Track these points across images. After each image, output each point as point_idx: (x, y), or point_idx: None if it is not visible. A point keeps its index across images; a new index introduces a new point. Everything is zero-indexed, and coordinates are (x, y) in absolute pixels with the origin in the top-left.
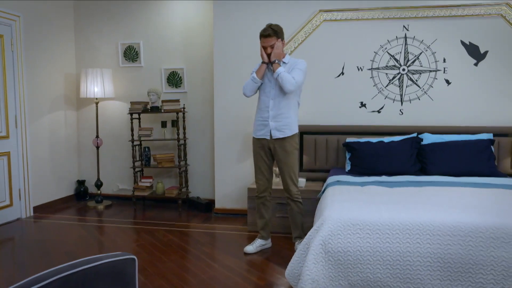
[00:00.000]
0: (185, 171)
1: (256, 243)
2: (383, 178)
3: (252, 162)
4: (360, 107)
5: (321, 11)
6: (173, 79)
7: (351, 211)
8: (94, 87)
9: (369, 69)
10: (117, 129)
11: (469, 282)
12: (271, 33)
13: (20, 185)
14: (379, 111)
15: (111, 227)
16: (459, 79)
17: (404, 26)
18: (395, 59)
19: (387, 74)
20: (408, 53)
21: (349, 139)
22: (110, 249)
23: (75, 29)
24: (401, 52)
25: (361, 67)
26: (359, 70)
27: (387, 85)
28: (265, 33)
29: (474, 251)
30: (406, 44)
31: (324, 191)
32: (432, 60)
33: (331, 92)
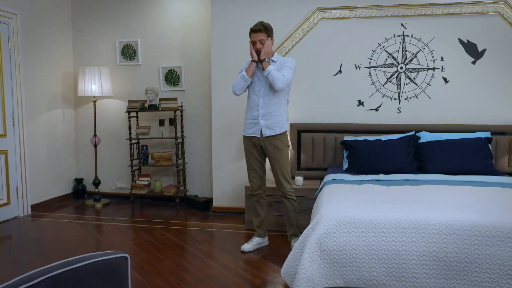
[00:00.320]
0: (183, 170)
1: (253, 241)
2: (381, 176)
3: None
4: (357, 106)
5: (319, 9)
6: (171, 77)
7: (347, 210)
8: (91, 85)
9: (367, 67)
10: (115, 127)
11: (464, 280)
12: (261, 28)
13: (17, 183)
14: (376, 109)
15: (109, 226)
16: (457, 77)
17: (401, 24)
18: (393, 57)
19: (384, 72)
20: (405, 51)
21: (347, 138)
22: (107, 247)
23: (72, 27)
24: (399, 50)
25: (358, 65)
26: (356, 68)
27: (384, 83)
28: (255, 28)
29: (469, 249)
30: (403, 42)
31: (321, 190)
32: (430, 58)
33: (328, 90)
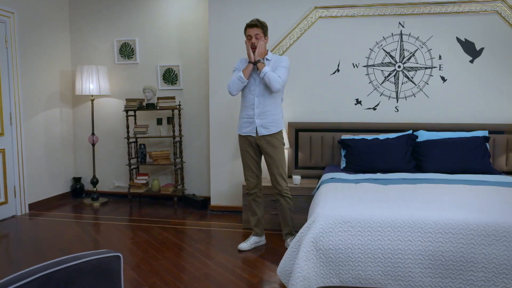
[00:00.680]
0: (181, 168)
1: (250, 240)
2: (378, 175)
3: None
4: (355, 104)
5: (317, 8)
6: (169, 76)
7: (343, 209)
8: (89, 84)
9: (365, 66)
10: (113, 126)
11: (460, 279)
12: (257, 23)
13: (15, 182)
14: (374, 108)
15: (107, 225)
16: (454, 76)
17: (399, 22)
18: (391, 56)
19: (382, 71)
20: (403, 50)
21: (344, 136)
22: (105, 246)
23: (70, 26)
24: (397, 49)
25: (356, 64)
26: (354, 67)
27: (382, 82)
28: (251, 23)
29: (465, 248)
30: (401, 41)
31: (318, 189)
32: (427, 57)
33: (326, 89)
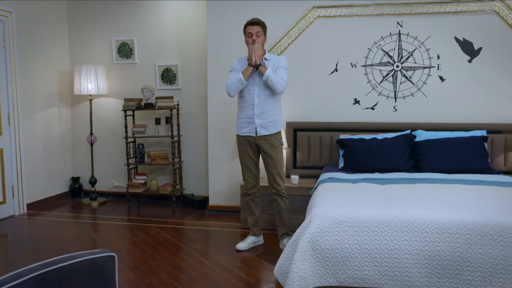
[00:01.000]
0: (179, 168)
1: (248, 240)
2: (376, 175)
3: None
4: (354, 104)
5: (315, 7)
6: (167, 76)
7: (340, 208)
8: (88, 84)
9: (363, 66)
10: (111, 126)
11: (457, 279)
12: (259, 21)
13: (13, 182)
14: (372, 108)
15: (105, 224)
16: (453, 75)
17: (398, 22)
18: (389, 56)
19: (381, 70)
20: (402, 49)
21: (343, 136)
22: (102, 246)
23: (68, 26)
24: (395, 48)
25: (354, 64)
26: (352, 66)
27: (381, 82)
28: (253, 21)
29: (462, 248)
30: (400, 40)
31: (316, 188)
32: (426, 56)
33: (324, 89)
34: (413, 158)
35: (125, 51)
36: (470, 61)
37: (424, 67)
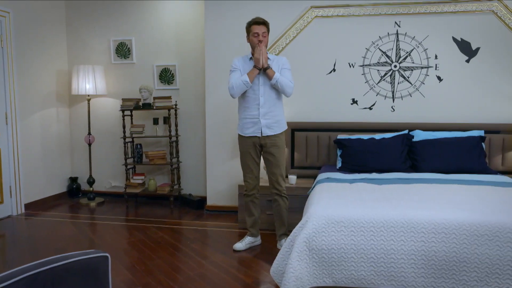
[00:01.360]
0: (177, 168)
1: (245, 240)
2: (373, 175)
3: None
4: (351, 104)
5: (313, 7)
6: (165, 76)
7: (336, 209)
8: (86, 84)
9: (361, 66)
10: (109, 126)
11: (453, 279)
12: (264, 21)
13: (11, 182)
14: (370, 108)
15: (103, 224)
16: (450, 75)
17: (395, 22)
18: (387, 56)
19: (378, 70)
20: (399, 49)
21: (340, 136)
22: (100, 246)
23: (66, 25)
24: (393, 48)
25: (352, 64)
26: (350, 66)
27: (378, 82)
28: (259, 20)
29: (458, 248)
30: (397, 40)
31: (313, 188)
32: (423, 56)
33: (322, 88)
34: (411, 158)
35: (123, 51)
36: (468, 61)
37: (422, 67)
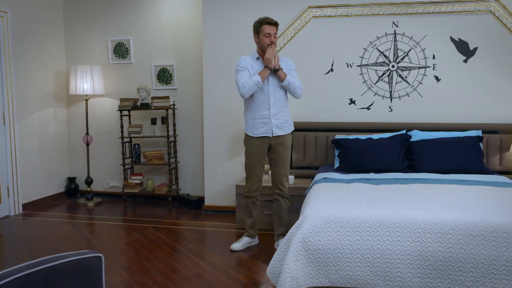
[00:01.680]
0: (175, 168)
1: (243, 240)
2: (371, 175)
3: (241, 159)
4: (349, 104)
5: (310, 7)
6: (163, 76)
7: (332, 209)
8: (84, 84)
9: (359, 66)
10: (107, 126)
11: (449, 280)
12: (277, 22)
13: (8, 182)
14: (368, 108)
15: (101, 225)
16: (448, 75)
17: (393, 22)
18: (385, 56)
19: (376, 70)
20: (397, 49)
21: (338, 136)
22: (97, 246)
23: (64, 25)
24: (391, 48)
25: (350, 64)
26: (348, 66)
27: (376, 82)
28: (272, 21)
29: (454, 248)
30: (395, 40)
31: (310, 188)
32: (421, 56)
33: (320, 89)
34: (409, 158)
35: (121, 51)
36: (465, 61)
37: (419, 67)
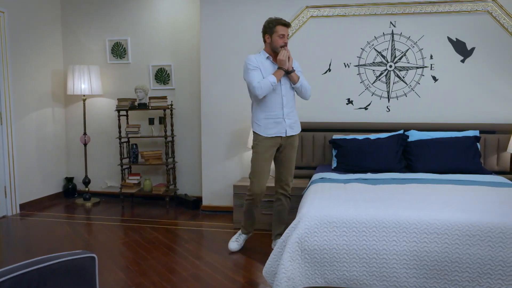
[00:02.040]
0: (173, 168)
1: (240, 239)
2: (368, 175)
3: (239, 159)
4: (347, 104)
5: (308, 7)
6: (161, 76)
7: (328, 209)
8: (81, 84)
9: (356, 66)
10: (105, 126)
11: (445, 280)
12: (290, 24)
13: (5, 182)
14: (366, 108)
15: (98, 225)
16: (446, 75)
17: (391, 22)
18: (382, 56)
19: (374, 70)
20: (395, 49)
21: (336, 136)
22: (94, 246)
23: (62, 25)
24: (388, 48)
25: (348, 64)
26: (346, 66)
27: (374, 82)
28: (287, 22)
29: (450, 248)
30: (393, 40)
31: (308, 188)
32: (419, 56)
33: (318, 89)
34: (406, 158)
35: (118, 51)
36: (463, 61)
37: (417, 67)
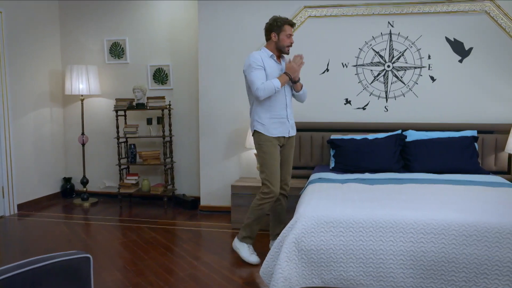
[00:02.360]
0: (171, 168)
1: (251, 249)
2: (366, 175)
3: (237, 159)
4: (345, 104)
5: (306, 7)
6: (159, 76)
7: (325, 209)
8: (79, 84)
9: (354, 66)
10: (103, 126)
11: (441, 280)
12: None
13: (3, 182)
14: (364, 108)
15: (96, 225)
16: (443, 75)
17: (389, 22)
18: (380, 56)
19: (372, 70)
20: (393, 49)
21: (334, 136)
22: (91, 246)
23: (60, 25)
24: (386, 48)
25: (346, 64)
26: (344, 66)
27: (372, 82)
28: (293, 23)
29: (447, 248)
30: (391, 40)
31: (305, 188)
32: (417, 56)
33: (316, 89)
34: (404, 158)
35: (116, 51)
36: (461, 61)
37: (415, 67)
